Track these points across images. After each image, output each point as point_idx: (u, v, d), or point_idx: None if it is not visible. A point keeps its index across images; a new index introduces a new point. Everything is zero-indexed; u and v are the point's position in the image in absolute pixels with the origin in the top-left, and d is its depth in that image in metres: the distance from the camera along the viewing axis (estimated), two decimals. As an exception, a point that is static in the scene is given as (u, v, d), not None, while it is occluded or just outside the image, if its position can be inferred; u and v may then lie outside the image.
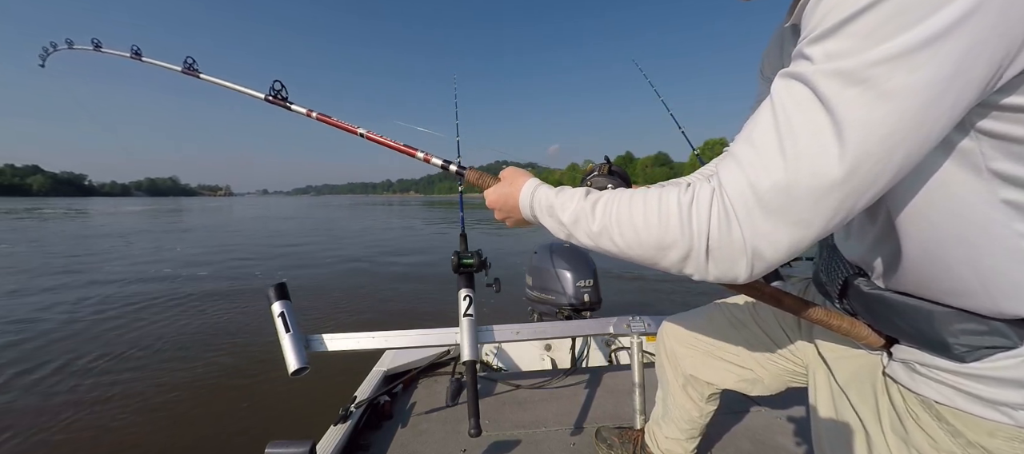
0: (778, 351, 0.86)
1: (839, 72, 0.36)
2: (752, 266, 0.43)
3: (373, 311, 5.70)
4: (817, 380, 0.73)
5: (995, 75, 0.35)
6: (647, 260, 0.51)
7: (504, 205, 0.74)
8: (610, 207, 0.54)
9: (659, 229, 0.48)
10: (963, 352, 0.48)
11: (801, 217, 0.40)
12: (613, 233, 0.53)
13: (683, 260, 0.47)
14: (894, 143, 0.36)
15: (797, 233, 0.40)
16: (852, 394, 0.63)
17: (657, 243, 0.48)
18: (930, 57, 0.33)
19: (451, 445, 1.40)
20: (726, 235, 0.43)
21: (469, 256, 1.40)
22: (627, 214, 0.51)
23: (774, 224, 0.40)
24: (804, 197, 0.39)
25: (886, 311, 0.55)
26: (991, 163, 0.41)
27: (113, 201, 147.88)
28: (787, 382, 0.88)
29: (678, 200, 0.47)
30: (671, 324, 1.06)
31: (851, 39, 0.35)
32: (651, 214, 0.49)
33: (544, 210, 0.65)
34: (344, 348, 1.33)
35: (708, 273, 0.46)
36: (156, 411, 3.06)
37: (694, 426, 1.06)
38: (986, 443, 0.49)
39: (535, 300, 2.18)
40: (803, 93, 0.39)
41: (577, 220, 0.58)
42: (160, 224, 23.66)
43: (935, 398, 0.52)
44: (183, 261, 9.80)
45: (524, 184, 0.70)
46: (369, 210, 42.86)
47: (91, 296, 6.33)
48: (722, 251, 0.44)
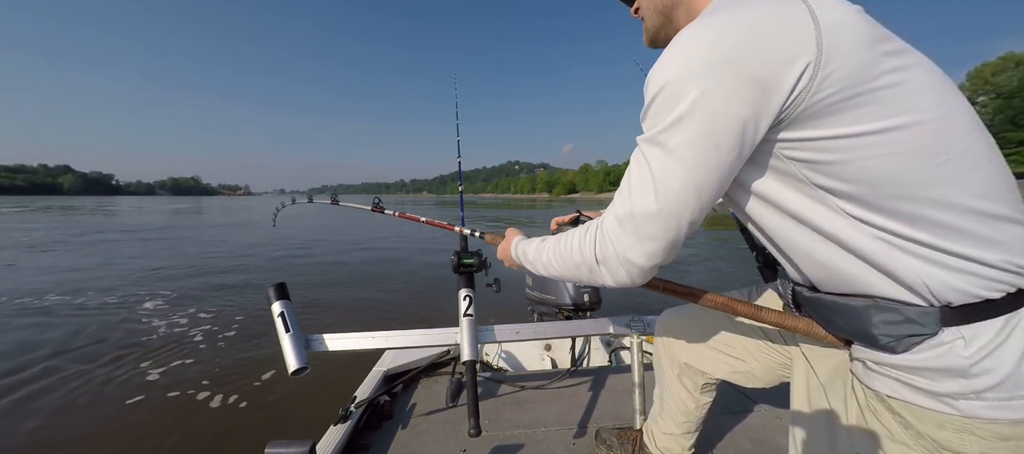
0: (770, 344, 0.89)
1: (647, 139, 0.56)
2: (630, 271, 0.60)
3: (374, 311, 5.74)
4: (796, 375, 0.77)
5: (745, 129, 0.50)
6: (573, 277, 0.71)
7: (505, 256, 0.99)
8: (549, 247, 0.77)
9: (571, 255, 0.69)
10: (890, 343, 0.53)
11: (644, 234, 0.57)
12: (553, 262, 0.75)
13: (590, 273, 0.66)
14: (684, 182, 0.53)
15: (647, 246, 0.57)
16: (829, 390, 0.67)
17: (574, 264, 0.69)
18: (685, 124, 0.51)
19: (451, 445, 1.41)
20: (605, 252, 0.62)
21: (469, 256, 1.40)
22: (557, 250, 0.74)
23: (631, 240, 0.58)
24: (641, 221, 0.57)
25: (825, 312, 0.63)
26: (813, 180, 0.53)
27: (138, 199, 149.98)
28: (779, 376, 0.91)
29: (581, 236, 0.68)
30: (670, 314, 1.10)
31: (649, 118, 0.56)
32: (569, 247, 0.70)
33: (521, 255, 0.89)
34: (344, 348, 1.34)
35: (609, 279, 0.64)
36: (154, 410, 3.09)
37: (690, 419, 1.08)
38: (936, 435, 0.51)
39: (535, 300, 2.17)
40: (637, 153, 0.58)
41: (536, 259, 0.82)
42: (205, 219, 24.73)
43: (887, 392, 0.55)
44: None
45: (513, 240, 0.95)
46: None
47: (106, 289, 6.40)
48: (608, 263, 0.62)
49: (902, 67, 0.48)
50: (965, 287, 0.49)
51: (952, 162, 0.48)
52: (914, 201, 0.48)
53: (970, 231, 0.48)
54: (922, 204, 0.48)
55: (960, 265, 0.49)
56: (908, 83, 0.48)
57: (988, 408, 0.48)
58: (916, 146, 0.47)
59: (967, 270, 0.49)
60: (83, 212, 33.62)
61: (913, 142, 0.47)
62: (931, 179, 0.48)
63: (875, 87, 0.47)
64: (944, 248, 0.49)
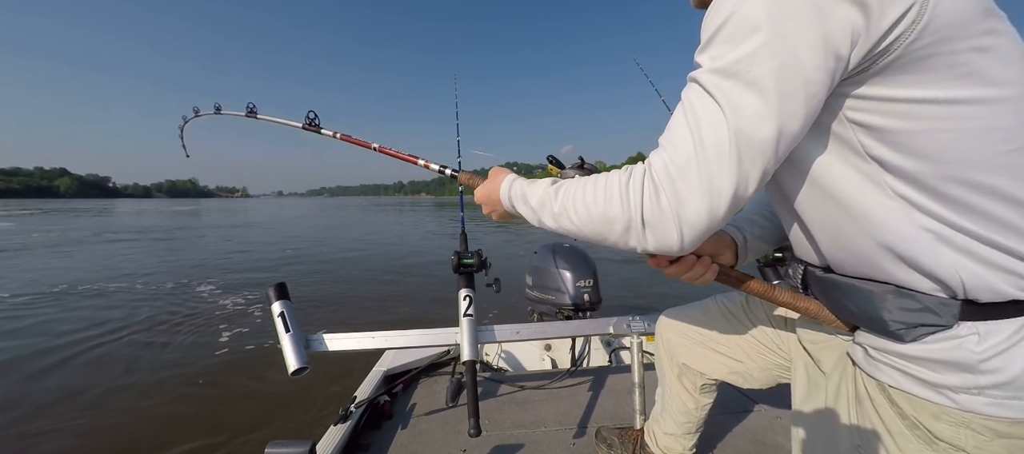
0: (767, 345, 0.89)
1: (716, 70, 0.47)
2: (683, 233, 0.50)
3: (375, 310, 5.74)
4: (796, 371, 0.76)
5: (837, 63, 0.43)
6: (598, 235, 0.58)
7: (488, 199, 0.82)
8: (568, 191, 0.62)
9: (604, 205, 0.55)
10: (900, 330, 0.51)
11: (712, 183, 0.47)
12: (570, 212, 0.60)
13: (626, 231, 0.54)
14: (767, 120, 0.45)
15: (712, 198, 0.48)
16: (830, 381, 0.66)
17: (603, 217, 0.55)
18: (770, 50, 0.43)
19: (451, 445, 1.40)
20: (656, 206, 0.50)
21: (469, 256, 1.40)
22: (581, 195, 0.59)
23: (692, 191, 0.48)
24: (710, 164, 0.47)
25: (837, 294, 0.60)
26: (870, 151, 0.48)
27: (137, 202, 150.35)
28: (776, 377, 0.91)
29: (618, 180, 0.55)
30: (669, 315, 1.10)
31: (717, 46, 0.47)
32: (598, 193, 0.56)
33: (519, 198, 0.72)
34: (344, 348, 1.34)
35: (648, 242, 0.53)
36: (155, 410, 3.09)
37: (690, 419, 1.08)
38: (932, 426, 0.50)
39: (535, 300, 2.17)
40: (696, 89, 0.49)
41: (543, 204, 0.66)
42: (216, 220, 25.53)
43: (887, 381, 0.54)
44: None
45: (503, 179, 0.78)
46: (382, 211, 43.37)
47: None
48: (655, 221, 0.51)
49: (996, 30, 0.42)
50: (1000, 286, 0.46)
51: (1022, 152, 0.44)
52: (972, 188, 0.45)
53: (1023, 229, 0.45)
54: (980, 192, 0.45)
55: (1004, 262, 0.46)
56: (998, 51, 0.42)
57: (989, 404, 0.47)
58: (990, 126, 0.43)
59: (1009, 268, 0.46)
60: (88, 214, 34.47)
61: (988, 120, 0.43)
62: (996, 165, 0.44)
63: (966, 48, 0.42)
64: (992, 243, 0.46)
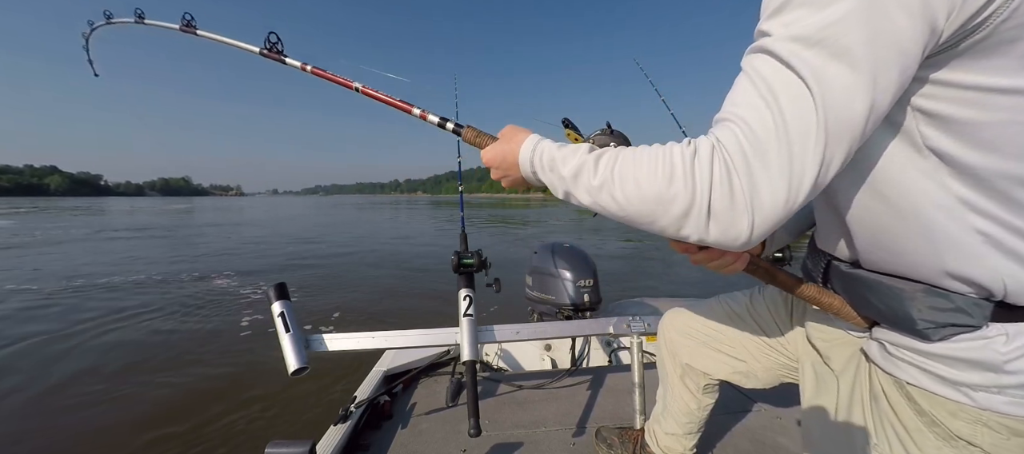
0: (771, 344, 0.89)
1: (796, 37, 0.41)
2: (754, 223, 0.43)
3: (374, 311, 5.75)
4: (805, 370, 0.75)
5: (932, 32, 0.38)
6: (645, 217, 0.50)
7: (503, 162, 0.70)
8: (613, 161, 0.52)
9: (662, 182, 0.46)
10: (928, 329, 0.50)
11: (793, 166, 0.41)
12: (614, 188, 0.51)
13: (684, 216, 0.46)
14: (856, 92, 0.40)
15: (792, 184, 0.42)
16: (842, 379, 0.65)
17: (658, 197, 0.47)
18: (861, 16, 0.38)
19: (451, 445, 1.40)
20: (727, 191, 0.43)
21: (469, 256, 1.40)
22: (630, 168, 0.50)
23: (770, 175, 0.42)
24: (793, 144, 0.41)
25: (862, 290, 0.58)
26: (929, 142, 0.44)
27: (130, 200, 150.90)
28: (780, 376, 0.91)
29: (682, 153, 0.46)
30: (672, 314, 1.09)
31: (796, 10, 0.41)
32: (656, 168, 0.47)
33: (545, 165, 0.61)
34: (344, 348, 1.34)
35: (708, 232, 0.46)
36: (154, 410, 3.07)
37: (692, 419, 1.08)
38: (949, 423, 0.50)
39: (535, 300, 2.18)
40: (768, 59, 0.43)
41: (578, 174, 0.55)
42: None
43: (905, 378, 0.54)
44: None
45: (525, 139, 0.66)
46: (378, 210, 43.44)
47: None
48: (724, 209, 0.44)
49: None
50: None
51: None
52: None
53: None
54: None
55: None
56: None
57: (1008, 403, 0.47)
58: None
59: None
60: (85, 213, 34.68)
61: None
62: None
63: None
64: None
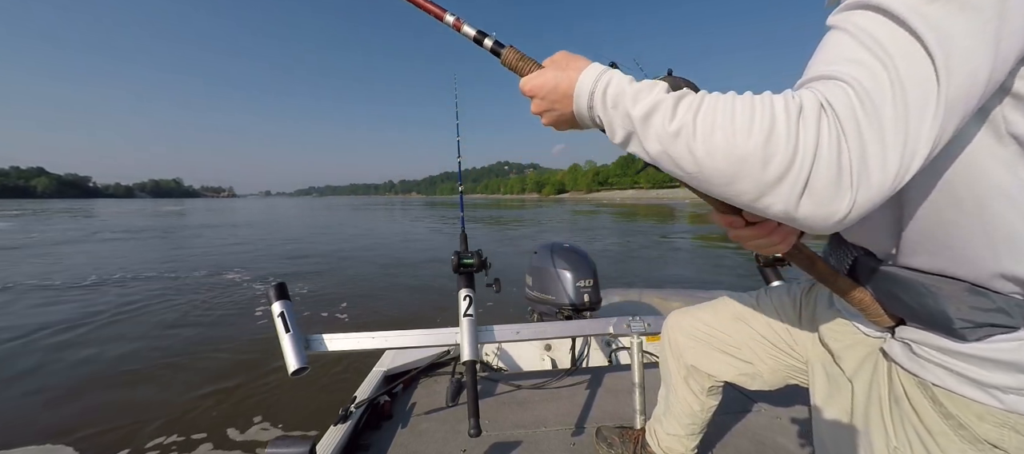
0: (779, 347, 0.88)
1: None
2: (855, 200, 0.38)
3: (374, 311, 5.73)
4: (816, 373, 0.73)
5: None
6: (724, 177, 0.42)
7: (552, 92, 0.58)
8: (696, 106, 0.44)
9: (758, 138, 0.39)
10: (965, 329, 0.48)
11: (908, 135, 0.36)
12: (694, 137, 0.43)
13: (776, 182, 0.39)
14: (979, 57, 0.35)
15: (906, 153, 0.37)
16: (857, 381, 0.63)
17: (748, 155, 0.40)
18: None
19: (451, 445, 1.40)
20: (834, 159, 0.37)
21: (469, 256, 1.41)
22: (719, 116, 0.42)
23: (883, 146, 0.37)
24: (910, 110, 0.36)
25: (893, 288, 0.55)
26: (1012, 128, 0.40)
27: (120, 202, 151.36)
28: (785, 378, 0.89)
29: (785, 107, 0.39)
30: (677, 316, 1.08)
31: None
32: (751, 118, 0.40)
33: (609, 100, 0.51)
34: (344, 348, 1.34)
35: (798, 207, 0.40)
36: (154, 409, 3.06)
37: (695, 420, 1.07)
38: (975, 427, 0.49)
39: (535, 300, 2.18)
40: (877, 17, 0.38)
41: (650, 115, 0.46)
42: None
43: (930, 379, 0.52)
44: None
45: (587, 67, 0.55)
46: (372, 210, 43.48)
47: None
48: (826, 181, 0.38)
49: None
50: None
51: None
52: None
53: None
54: None
55: None
56: None
57: None
58: None
59: None
60: (77, 215, 35.00)
61: None
62: None
63: None
64: None
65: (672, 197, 77.43)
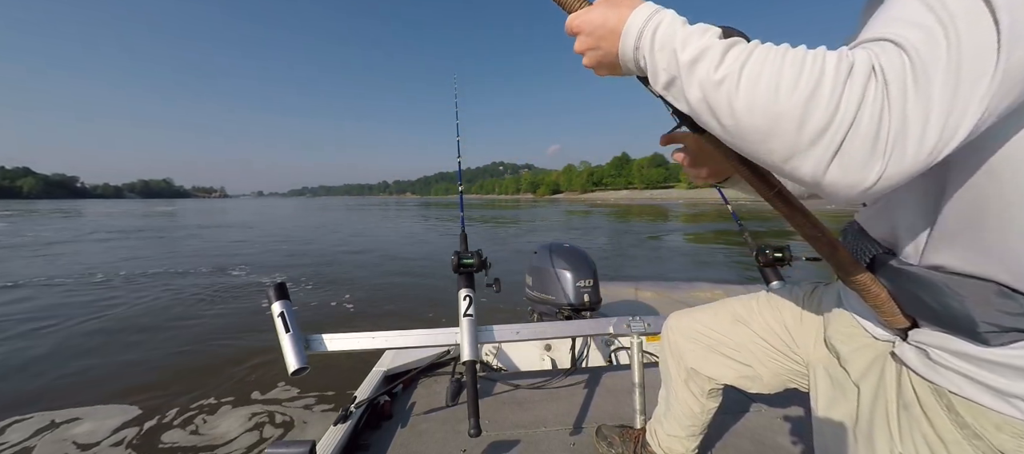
0: (779, 349, 0.87)
1: None
2: (885, 170, 0.37)
3: (374, 311, 5.74)
4: (818, 376, 0.72)
5: None
6: (759, 134, 0.41)
7: (600, 28, 0.55)
8: (745, 55, 0.42)
9: (803, 93, 0.38)
10: (989, 333, 0.46)
11: (956, 103, 0.35)
12: (737, 88, 0.42)
13: (810, 144, 0.39)
14: None
15: (948, 127, 0.36)
16: (864, 385, 0.62)
17: (788, 113, 0.39)
18: None
19: (451, 445, 1.40)
20: (874, 124, 0.36)
21: (469, 256, 1.40)
22: (767, 67, 0.41)
23: (927, 110, 0.35)
24: (965, 78, 0.35)
25: (913, 287, 0.53)
26: None
27: (109, 203, 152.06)
28: (785, 381, 0.88)
29: (836, 64, 0.38)
30: (677, 318, 1.07)
31: None
32: (799, 72, 0.39)
33: (657, 42, 0.49)
34: (344, 348, 1.34)
35: (825, 174, 0.39)
36: (154, 409, 3.05)
37: (695, 422, 1.07)
38: (992, 437, 0.47)
39: (535, 300, 2.18)
40: None
41: (697, 60, 0.45)
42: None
43: (947, 386, 0.50)
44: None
45: (639, 5, 0.52)
46: (367, 211, 43.44)
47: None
48: (862, 144, 0.37)
49: None
50: None
51: None
52: None
53: None
54: None
55: None
56: None
57: None
58: None
59: None
60: (69, 215, 35.17)
61: None
62: None
63: None
64: None
65: (665, 198, 77.80)
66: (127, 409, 3.06)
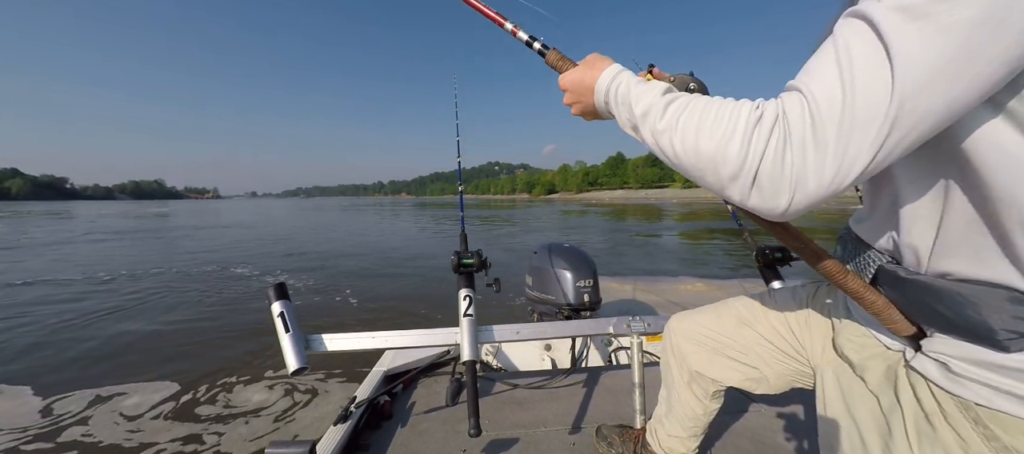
0: (785, 351, 0.85)
1: (902, 7, 0.37)
2: (793, 199, 0.43)
3: (374, 311, 5.75)
4: (825, 379, 0.71)
5: None
6: (695, 171, 0.50)
7: (579, 86, 0.71)
8: (681, 109, 0.52)
9: (721, 142, 0.46)
10: (1008, 340, 0.45)
11: (848, 150, 0.40)
12: (675, 136, 0.51)
13: (731, 179, 0.46)
14: (945, 79, 0.36)
15: (841, 169, 0.41)
16: (881, 395, 0.60)
17: (712, 156, 0.47)
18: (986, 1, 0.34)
19: (451, 445, 1.40)
20: (779, 163, 0.43)
21: (469, 256, 1.40)
22: (694, 120, 0.50)
23: (822, 154, 0.41)
24: (855, 126, 0.39)
25: (924, 296, 0.52)
26: None
27: (101, 204, 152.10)
28: (791, 382, 0.87)
29: (747, 117, 0.46)
30: (678, 320, 1.06)
31: None
32: (719, 125, 0.47)
33: (619, 98, 0.63)
34: (344, 348, 1.33)
35: (749, 200, 0.46)
36: (153, 410, 3.05)
37: (697, 423, 1.06)
38: (1020, 444, 0.46)
39: (535, 300, 2.18)
40: (863, 28, 0.40)
41: (647, 113, 0.56)
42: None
43: (972, 398, 0.49)
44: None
45: (606, 68, 0.67)
46: (361, 212, 43.40)
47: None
48: (770, 181, 0.44)
49: None
50: None
51: None
52: None
53: None
54: None
55: None
56: None
57: None
58: None
59: None
60: (62, 217, 35.38)
61: None
62: None
63: None
64: None
65: (659, 197, 78.21)
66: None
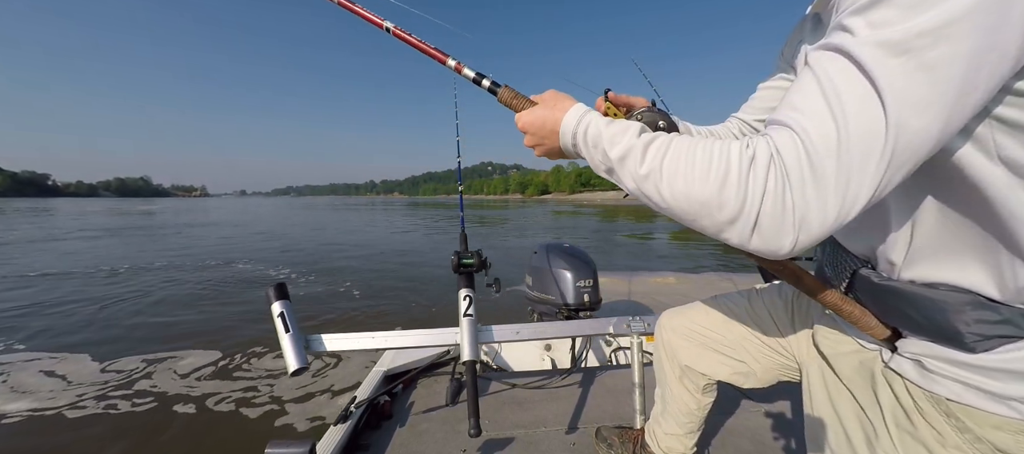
0: (771, 346, 0.88)
1: (882, 42, 0.37)
2: (797, 240, 0.42)
3: (374, 311, 5.75)
4: (810, 375, 0.73)
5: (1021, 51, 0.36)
6: (689, 216, 0.47)
7: (541, 129, 0.67)
8: (663, 151, 0.49)
9: (714, 186, 0.44)
10: (974, 341, 0.48)
11: (850, 184, 0.39)
12: (661, 180, 0.49)
13: (730, 223, 0.44)
14: (933, 113, 0.37)
15: (844, 203, 0.40)
16: (855, 390, 0.63)
17: (704, 201, 0.45)
18: (969, 28, 0.34)
19: (451, 445, 1.40)
20: (779, 205, 0.41)
21: (469, 256, 1.40)
22: (681, 164, 0.47)
23: (824, 192, 0.39)
24: (854, 161, 0.38)
25: (896, 301, 0.55)
26: (1003, 152, 0.41)
27: (82, 201, 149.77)
28: (778, 376, 0.90)
29: (739, 158, 0.43)
30: (668, 316, 1.08)
31: (894, 9, 0.37)
32: (708, 168, 0.45)
33: (590, 141, 0.59)
34: (344, 348, 1.33)
35: (750, 243, 0.44)
36: (153, 410, 3.04)
37: (692, 419, 1.08)
38: (992, 437, 0.49)
39: (535, 300, 2.18)
40: (844, 63, 0.39)
41: (625, 158, 0.53)
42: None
43: (944, 394, 0.52)
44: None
45: (570, 109, 0.63)
46: (354, 211, 43.24)
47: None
48: (772, 223, 0.42)
49: None
50: None
51: None
52: None
53: None
54: None
55: None
56: None
57: None
58: None
59: None
60: (49, 214, 35.10)
61: None
62: None
63: None
64: None
65: (652, 199, 78.71)
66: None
